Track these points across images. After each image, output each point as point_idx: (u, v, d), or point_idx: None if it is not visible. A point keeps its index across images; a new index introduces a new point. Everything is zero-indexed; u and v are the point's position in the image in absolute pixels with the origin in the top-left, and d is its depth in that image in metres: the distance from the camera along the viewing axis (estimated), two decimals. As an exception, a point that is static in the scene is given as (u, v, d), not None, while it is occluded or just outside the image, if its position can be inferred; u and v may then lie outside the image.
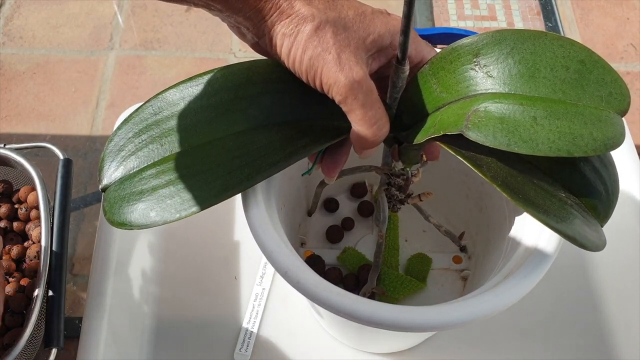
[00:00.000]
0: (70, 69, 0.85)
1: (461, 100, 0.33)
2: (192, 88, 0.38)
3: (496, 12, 0.89)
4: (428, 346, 0.51)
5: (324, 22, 0.32)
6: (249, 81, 0.38)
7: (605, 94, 0.32)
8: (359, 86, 0.32)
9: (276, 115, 0.37)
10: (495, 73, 0.33)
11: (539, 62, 0.32)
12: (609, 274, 0.55)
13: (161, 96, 0.38)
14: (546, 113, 0.31)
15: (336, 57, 0.32)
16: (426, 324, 0.33)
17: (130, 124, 0.38)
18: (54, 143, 0.58)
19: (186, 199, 0.34)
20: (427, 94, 0.35)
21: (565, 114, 0.31)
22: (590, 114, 0.31)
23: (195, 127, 0.37)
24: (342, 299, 0.34)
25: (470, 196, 0.51)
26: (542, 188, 0.33)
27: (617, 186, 0.36)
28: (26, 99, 0.82)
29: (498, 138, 0.30)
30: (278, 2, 0.32)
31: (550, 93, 0.32)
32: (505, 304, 0.34)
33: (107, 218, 0.35)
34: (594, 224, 0.34)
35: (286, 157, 0.35)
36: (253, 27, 0.33)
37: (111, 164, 0.37)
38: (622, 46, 0.86)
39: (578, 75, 0.32)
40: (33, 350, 0.50)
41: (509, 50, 0.33)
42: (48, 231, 0.51)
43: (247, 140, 0.36)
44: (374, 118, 0.33)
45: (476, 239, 0.53)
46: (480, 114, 0.31)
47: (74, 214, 0.71)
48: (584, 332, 0.52)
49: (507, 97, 0.32)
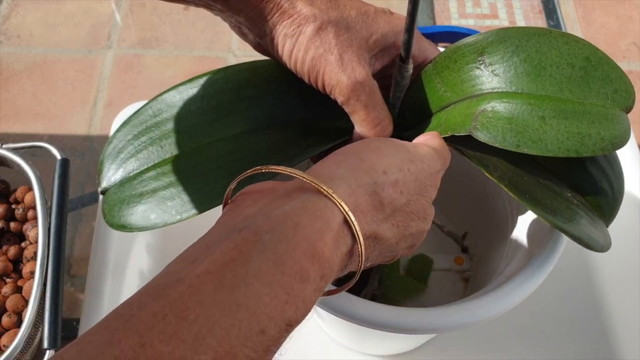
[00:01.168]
0: (68, 68, 0.85)
1: (467, 100, 0.33)
2: (192, 90, 0.37)
3: (498, 10, 0.88)
4: (429, 348, 0.51)
5: (326, 22, 0.31)
6: (250, 82, 0.37)
7: (611, 91, 0.31)
8: (362, 87, 0.32)
9: (278, 116, 0.37)
10: (500, 72, 0.33)
11: (544, 60, 0.32)
12: (610, 274, 0.54)
13: (160, 98, 0.38)
14: (554, 112, 0.30)
15: (338, 58, 0.31)
16: (428, 326, 0.33)
17: (129, 126, 0.37)
18: (52, 143, 0.57)
19: (187, 200, 0.33)
20: (431, 93, 0.35)
21: (573, 113, 0.30)
22: (597, 113, 0.30)
23: (195, 128, 0.36)
24: (343, 301, 0.33)
25: (471, 196, 0.50)
26: (548, 187, 0.32)
27: (622, 184, 0.35)
28: (23, 98, 0.82)
29: (507, 139, 0.30)
30: (280, 3, 0.31)
31: (557, 91, 0.31)
32: (507, 306, 0.34)
33: (107, 220, 0.35)
34: (599, 224, 0.33)
35: (289, 159, 0.35)
36: (254, 27, 0.33)
37: (110, 167, 0.36)
38: (624, 45, 0.86)
39: (584, 73, 0.32)
40: (30, 352, 0.50)
41: (514, 49, 0.32)
42: (45, 232, 0.51)
43: (249, 141, 0.36)
44: (377, 119, 0.33)
45: (478, 240, 0.52)
46: (488, 114, 0.31)
47: (71, 214, 0.71)
48: (585, 332, 0.51)
49: (515, 97, 0.31)
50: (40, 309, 0.49)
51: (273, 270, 0.22)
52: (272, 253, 0.22)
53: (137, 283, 0.54)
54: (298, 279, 0.22)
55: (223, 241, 0.23)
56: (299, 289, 0.22)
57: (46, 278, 0.49)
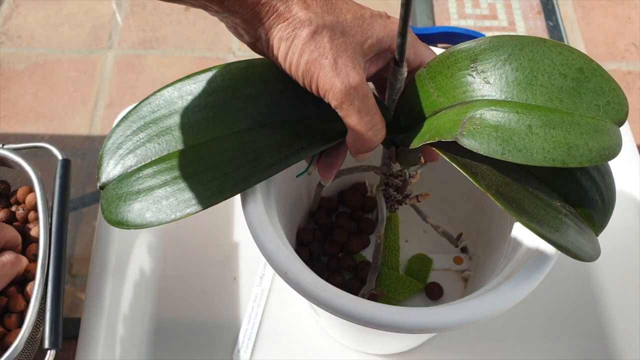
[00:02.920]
0: (69, 69, 0.85)
1: (457, 106, 0.33)
2: (190, 86, 0.38)
3: (497, 11, 0.88)
4: (428, 348, 0.51)
5: (321, 26, 0.32)
6: (247, 80, 0.38)
7: (603, 103, 0.31)
8: (355, 92, 0.32)
9: (274, 115, 0.37)
10: (492, 79, 0.33)
11: (536, 70, 0.32)
12: (609, 274, 0.54)
13: (159, 94, 0.38)
14: (542, 122, 0.30)
15: (332, 63, 0.32)
16: (427, 325, 0.33)
17: (128, 122, 0.38)
18: (53, 143, 0.57)
19: (182, 200, 0.34)
20: (424, 98, 0.35)
21: (561, 123, 0.30)
22: (587, 124, 0.30)
23: (192, 126, 0.37)
24: (342, 301, 0.33)
25: (470, 196, 0.51)
26: (537, 197, 0.32)
27: (613, 196, 0.35)
28: (24, 99, 0.82)
29: (492, 146, 0.30)
30: (275, 5, 0.31)
31: (547, 101, 0.31)
32: (507, 305, 0.34)
33: (105, 216, 0.35)
34: (588, 234, 0.33)
35: (282, 160, 0.35)
36: (250, 29, 0.33)
37: (109, 162, 0.37)
38: (623, 45, 0.86)
39: (576, 84, 0.32)
40: (31, 352, 0.50)
41: (506, 57, 0.33)
42: (47, 232, 0.51)
43: (244, 140, 0.36)
44: (369, 124, 0.33)
45: (477, 239, 0.52)
46: (476, 121, 0.31)
47: (73, 214, 0.71)
48: (584, 333, 0.51)
49: (504, 105, 0.31)
50: (41, 309, 0.49)
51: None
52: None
53: (138, 283, 0.54)
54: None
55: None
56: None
57: (47, 278, 0.49)
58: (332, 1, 0.33)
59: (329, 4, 0.33)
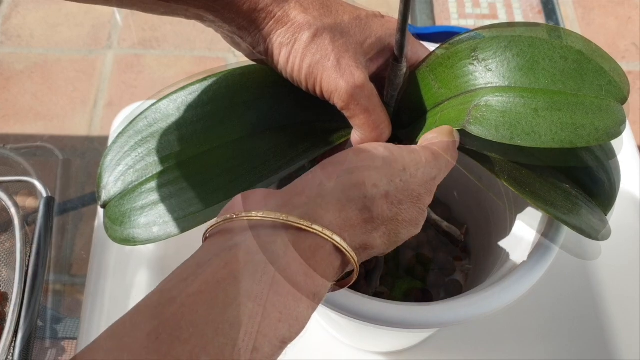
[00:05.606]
0: (69, 68, 0.85)
1: (461, 96, 0.33)
2: (185, 97, 0.37)
3: (497, 10, 0.88)
4: (427, 346, 0.51)
5: (321, 29, 0.32)
6: (244, 87, 0.37)
7: (605, 83, 0.32)
8: (361, 91, 0.32)
9: (274, 120, 0.37)
10: (494, 66, 0.33)
11: (537, 54, 0.32)
12: (609, 273, 0.54)
13: (155, 107, 0.37)
14: (547, 105, 0.30)
15: (336, 63, 0.32)
16: (429, 321, 0.33)
17: (125, 137, 0.37)
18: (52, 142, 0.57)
19: (189, 212, 0.33)
20: (425, 91, 0.35)
21: (566, 104, 0.30)
22: (591, 104, 0.31)
23: (192, 137, 0.36)
24: (346, 298, 0.33)
25: (469, 192, 0.51)
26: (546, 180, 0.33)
27: (619, 174, 0.36)
28: (24, 99, 0.82)
29: (500, 132, 0.30)
30: (272, 11, 0.31)
31: (550, 84, 0.31)
32: (508, 300, 0.34)
33: (110, 235, 0.34)
34: (598, 214, 0.34)
35: (288, 163, 0.35)
36: (248, 36, 0.33)
37: (109, 179, 0.36)
38: (623, 45, 0.86)
39: (577, 65, 0.32)
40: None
41: (506, 44, 0.33)
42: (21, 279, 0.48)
43: (246, 147, 0.36)
44: (376, 122, 0.33)
45: (477, 234, 0.52)
46: (482, 108, 0.31)
47: (72, 214, 0.71)
48: (584, 332, 0.51)
49: (508, 90, 0.32)
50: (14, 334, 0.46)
51: (266, 290, 0.22)
52: (264, 274, 0.22)
53: (137, 283, 0.54)
54: (291, 298, 0.22)
55: (214, 259, 0.23)
56: (293, 307, 0.23)
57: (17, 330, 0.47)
58: (328, 3, 0.33)
59: (325, 7, 0.33)
